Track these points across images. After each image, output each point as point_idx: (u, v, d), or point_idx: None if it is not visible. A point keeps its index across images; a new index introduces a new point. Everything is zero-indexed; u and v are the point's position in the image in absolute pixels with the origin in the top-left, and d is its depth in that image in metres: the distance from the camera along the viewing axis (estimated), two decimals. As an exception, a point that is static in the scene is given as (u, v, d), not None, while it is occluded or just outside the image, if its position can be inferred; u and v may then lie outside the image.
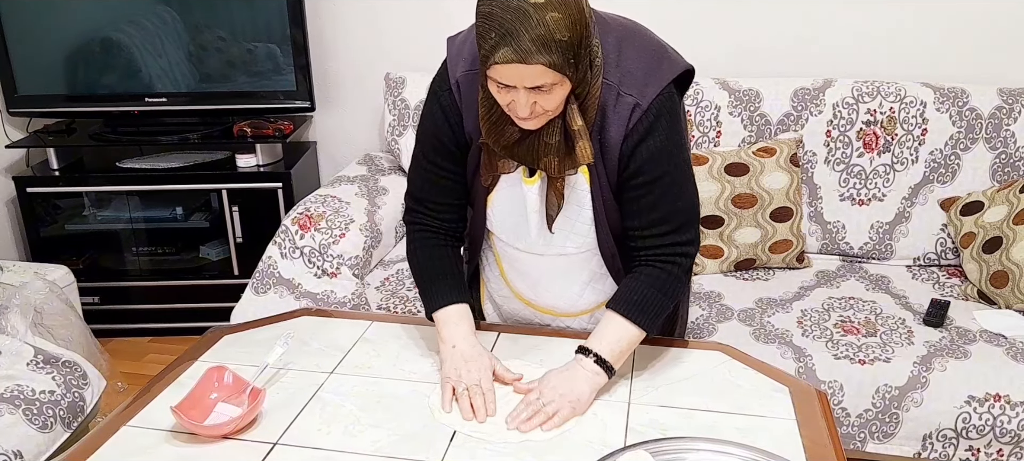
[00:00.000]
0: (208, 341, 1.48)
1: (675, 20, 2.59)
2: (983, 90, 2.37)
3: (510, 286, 1.53)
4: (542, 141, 1.24)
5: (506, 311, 1.59)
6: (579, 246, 1.39)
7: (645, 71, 1.25)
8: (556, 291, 1.48)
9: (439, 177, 1.39)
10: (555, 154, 1.24)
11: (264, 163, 2.80)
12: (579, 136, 1.21)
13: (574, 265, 1.43)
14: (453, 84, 1.32)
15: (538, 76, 1.12)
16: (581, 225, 1.36)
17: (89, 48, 2.74)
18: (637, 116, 1.24)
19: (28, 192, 2.77)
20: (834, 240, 2.46)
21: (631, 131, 1.24)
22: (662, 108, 1.25)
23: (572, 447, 1.18)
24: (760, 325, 2.08)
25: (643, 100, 1.23)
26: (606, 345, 1.29)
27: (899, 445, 1.92)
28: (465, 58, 1.31)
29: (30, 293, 2.13)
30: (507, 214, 1.39)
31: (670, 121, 1.26)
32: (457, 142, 1.36)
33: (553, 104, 1.17)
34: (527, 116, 1.18)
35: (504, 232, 1.42)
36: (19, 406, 1.74)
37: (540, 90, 1.14)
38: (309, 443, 1.19)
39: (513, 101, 1.16)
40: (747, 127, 2.45)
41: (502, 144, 1.26)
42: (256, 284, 2.19)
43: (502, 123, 1.24)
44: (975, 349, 1.94)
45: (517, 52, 1.09)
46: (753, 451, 1.13)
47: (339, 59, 2.93)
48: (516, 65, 1.11)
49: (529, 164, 1.28)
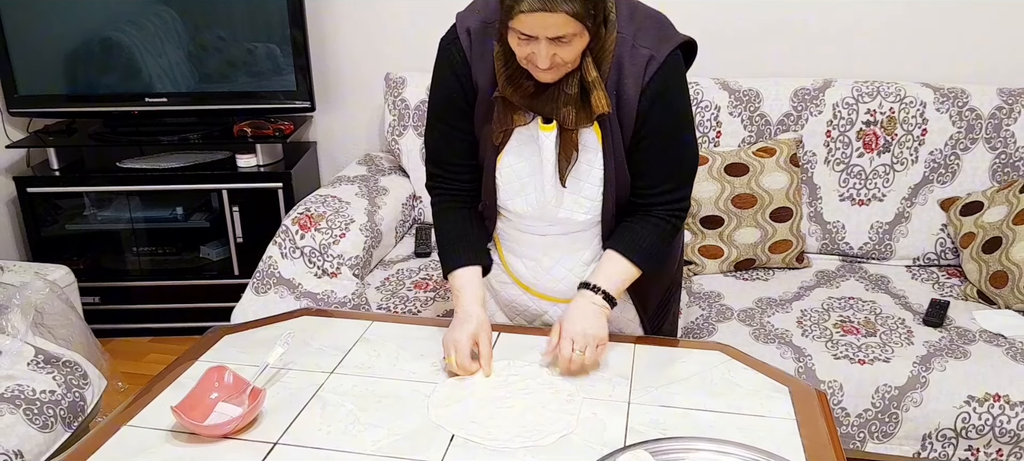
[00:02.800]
0: (208, 341, 1.48)
1: (675, 20, 2.59)
2: (983, 90, 2.37)
3: (508, 270, 1.55)
4: (561, 91, 1.28)
5: (503, 298, 1.61)
6: (586, 210, 1.42)
7: (658, 30, 1.32)
8: (557, 273, 1.50)
9: (454, 137, 1.44)
10: (573, 105, 1.29)
11: (264, 163, 2.80)
12: (594, 86, 1.27)
13: (577, 243, 1.46)
14: (462, 33, 1.36)
15: (561, 25, 1.17)
16: (589, 187, 1.39)
17: (89, 48, 2.74)
18: (653, 69, 1.29)
19: (28, 192, 2.77)
20: (834, 240, 2.46)
21: (647, 85, 1.30)
22: (676, 66, 1.32)
23: (572, 447, 1.18)
24: (760, 325, 2.08)
25: (658, 53, 1.29)
26: (611, 282, 1.38)
27: (899, 445, 1.92)
28: (477, 12, 1.37)
29: (31, 293, 2.13)
30: (516, 175, 1.42)
31: (680, 80, 1.35)
32: (466, 97, 1.40)
33: (572, 56, 1.23)
34: (547, 67, 1.22)
35: (511, 197, 1.44)
36: (19, 406, 1.74)
37: (560, 41, 1.19)
38: (309, 443, 1.19)
39: (533, 53, 1.21)
40: (747, 127, 2.45)
41: (519, 96, 1.31)
42: (256, 284, 2.19)
43: (519, 76, 1.29)
44: (975, 349, 1.94)
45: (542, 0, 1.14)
46: (753, 451, 1.13)
47: (339, 59, 2.93)
48: (541, 13, 1.15)
49: (547, 114, 1.32)
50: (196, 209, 2.97)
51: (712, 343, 1.47)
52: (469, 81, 1.38)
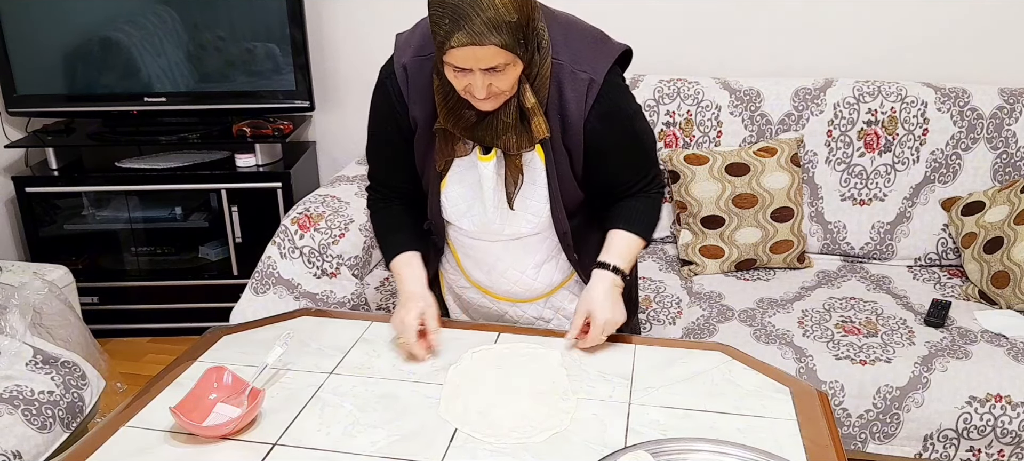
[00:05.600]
0: (207, 341, 1.48)
1: (675, 20, 2.60)
2: (984, 90, 2.37)
3: (466, 275, 1.58)
4: (500, 120, 1.31)
5: (466, 301, 1.64)
6: (534, 226, 1.45)
7: (593, 51, 1.35)
8: (511, 276, 1.53)
9: (392, 162, 1.49)
10: (513, 132, 1.32)
11: (263, 163, 2.80)
12: (533, 113, 1.30)
13: (528, 247, 1.49)
14: (398, 69, 1.39)
15: (492, 57, 1.19)
16: (535, 203, 1.42)
17: (88, 48, 2.74)
18: (594, 92, 1.33)
19: (27, 192, 2.77)
20: (835, 240, 2.46)
21: (592, 108, 1.34)
22: (614, 82, 1.36)
23: (572, 447, 1.17)
24: (761, 325, 2.07)
25: (597, 75, 1.33)
26: (622, 258, 1.45)
27: (900, 446, 1.92)
28: (413, 46, 1.39)
29: (29, 293, 2.13)
30: (461, 198, 1.45)
31: (623, 92, 1.40)
32: (401, 131, 1.44)
33: (507, 84, 1.25)
34: (484, 96, 1.25)
35: (458, 217, 1.48)
36: (18, 406, 1.74)
37: (495, 71, 1.21)
38: (309, 443, 1.19)
39: (470, 84, 1.24)
40: (748, 127, 2.45)
41: (462, 126, 1.34)
42: (255, 284, 2.18)
43: (459, 107, 1.32)
44: (976, 349, 1.94)
45: (471, 34, 1.16)
46: (753, 451, 1.12)
47: (339, 59, 2.93)
48: (471, 48, 1.17)
49: (488, 143, 1.35)
50: (195, 209, 2.96)
51: (713, 343, 1.47)
52: (405, 118, 1.42)
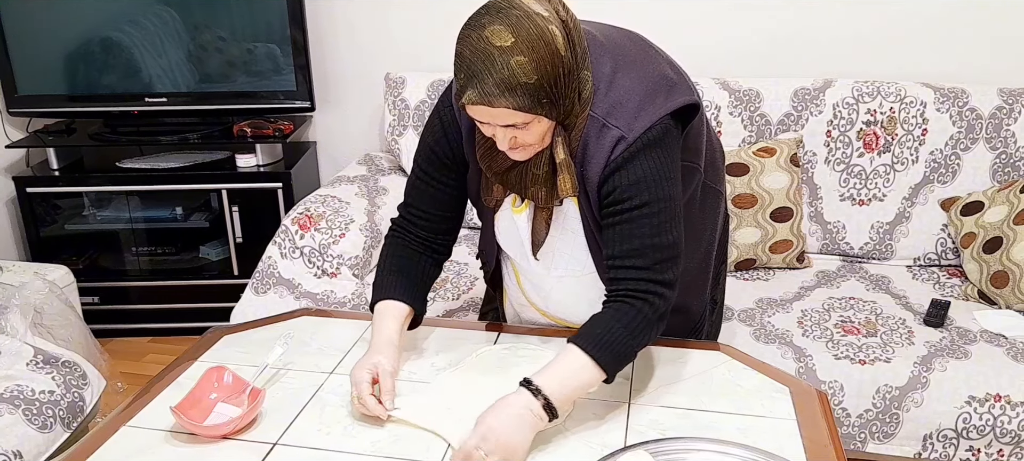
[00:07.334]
0: (208, 341, 1.48)
1: (675, 20, 2.60)
2: (983, 90, 2.37)
3: (525, 296, 1.54)
4: (530, 171, 1.24)
5: (524, 318, 1.60)
6: (577, 272, 1.38)
7: (638, 103, 1.19)
8: (566, 306, 1.48)
9: (429, 186, 1.40)
10: (542, 185, 1.25)
11: (264, 163, 2.80)
12: (561, 169, 1.21)
13: (581, 285, 1.42)
14: (456, 106, 1.31)
15: (505, 117, 1.13)
16: (577, 251, 1.35)
17: (89, 48, 2.74)
18: (621, 149, 1.19)
19: (28, 192, 2.77)
20: (834, 240, 2.46)
21: (611, 162, 1.20)
22: (651, 140, 1.19)
23: (572, 447, 1.18)
24: (760, 325, 2.07)
25: (630, 133, 1.18)
26: (557, 385, 1.15)
27: (899, 445, 1.92)
28: None
29: (30, 293, 2.13)
30: (510, 235, 1.40)
31: (660, 153, 1.20)
32: (453, 155, 1.36)
33: (533, 138, 1.17)
34: (509, 148, 1.19)
35: (510, 250, 1.44)
36: (19, 406, 1.74)
37: (515, 127, 1.15)
38: (309, 443, 1.19)
39: (494, 134, 1.18)
40: (747, 127, 2.45)
41: (494, 171, 1.28)
42: (256, 284, 2.19)
43: (493, 152, 1.25)
44: (975, 349, 1.94)
45: (481, 94, 1.10)
46: (753, 451, 1.12)
47: (339, 59, 2.93)
48: (482, 107, 1.12)
49: (518, 193, 1.29)
50: (195, 209, 2.96)
51: (712, 343, 1.47)
52: (459, 144, 1.34)
